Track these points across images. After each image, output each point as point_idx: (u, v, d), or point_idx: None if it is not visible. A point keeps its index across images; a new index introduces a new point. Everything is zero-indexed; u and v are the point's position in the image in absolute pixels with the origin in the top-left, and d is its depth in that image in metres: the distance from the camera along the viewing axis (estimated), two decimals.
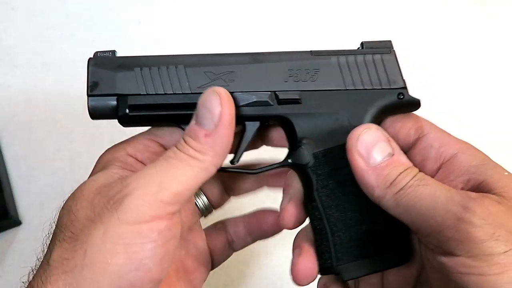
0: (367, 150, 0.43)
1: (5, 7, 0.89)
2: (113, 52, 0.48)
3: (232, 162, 0.50)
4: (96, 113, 0.48)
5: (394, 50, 0.50)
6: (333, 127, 0.48)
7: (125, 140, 0.50)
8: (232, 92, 0.46)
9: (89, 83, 0.47)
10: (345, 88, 0.49)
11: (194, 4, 0.93)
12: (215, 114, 0.43)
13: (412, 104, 0.49)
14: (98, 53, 0.48)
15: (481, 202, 0.39)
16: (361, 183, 0.44)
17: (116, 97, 0.47)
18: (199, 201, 0.56)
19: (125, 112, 0.47)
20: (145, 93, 0.47)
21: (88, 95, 0.47)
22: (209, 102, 0.43)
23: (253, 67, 0.48)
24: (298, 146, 0.48)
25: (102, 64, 0.48)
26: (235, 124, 0.45)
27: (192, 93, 0.48)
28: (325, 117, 0.49)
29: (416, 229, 0.43)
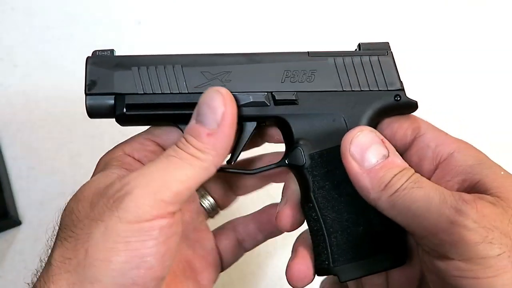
0: (361, 153, 0.43)
1: (5, 7, 0.89)
2: (112, 51, 0.48)
3: (230, 162, 0.50)
4: (94, 112, 0.48)
5: (392, 52, 0.50)
6: (330, 128, 0.48)
7: (123, 141, 0.51)
8: None
9: (87, 82, 0.47)
10: (342, 90, 0.49)
11: (194, 4, 0.93)
12: (219, 114, 0.43)
13: (410, 106, 0.49)
14: (97, 52, 0.48)
15: (475, 205, 0.39)
16: (356, 186, 0.44)
17: (114, 96, 0.47)
18: (205, 202, 0.56)
19: (123, 111, 0.47)
20: (143, 92, 0.47)
21: (86, 94, 0.47)
22: (213, 102, 0.43)
23: (250, 68, 0.48)
24: (295, 147, 0.49)
25: (100, 63, 0.48)
26: None
27: (189, 93, 0.48)
28: (322, 118, 0.49)
29: (412, 231, 0.42)
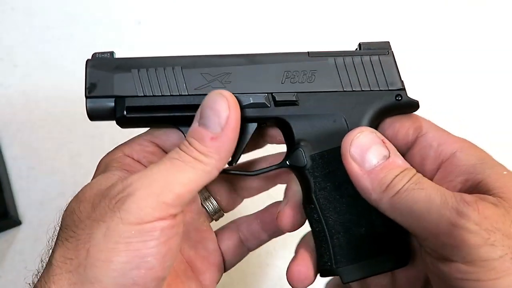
0: (361, 154, 0.43)
1: (5, 7, 0.89)
2: (111, 53, 0.48)
3: (231, 164, 0.50)
4: (94, 115, 0.48)
5: (392, 51, 0.49)
6: (331, 129, 0.48)
7: (123, 143, 0.51)
8: None
9: (87, 85, 0.47)
10: (343, 90, 0.48)
11: (194, 4, 0.93)
12: (223, 117, 0.43)
13: (411, 106, 0.48)
14: (97, 54, 0.48)
15: (476, 206, 0.38)
16: (358, 187, 0.44)
17: (114, 99, 0.47)
18: (208, 205, 0.55)
19: (123, 114, 0.47)
20: (143, 95, 0.47)
21: (86, 97, 0.47)
22: (216, 105, 0.43)
23: (250, 69, 0.48)
24: (296, 148, 0.48)
25: (100, 66, 0.48)
26: None
27: (189, 95, 0.47)
28: (323, 119, 0.48)
29: (414, 233, 0.42)
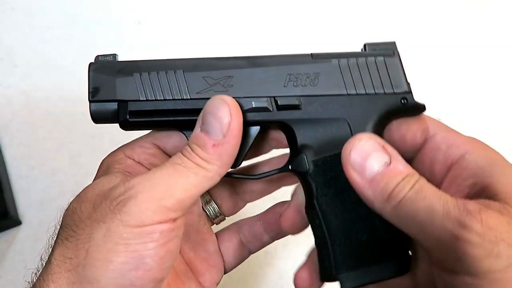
0: (361, 163, 0.41)
1: (5, 7, 0.89)
2: (114, 56, 0.48)
3: (234, 167, 0.49)
4: (98, 118, 0.48)
5: (399, 52, 0.48)
6: (334, 134, 0.47)
7: (124, 144, 0.51)
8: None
9: (90, 89, 0.47)
10: (347, 93, 0.47)
11: (194, 4, 0.93)
12: (224, 124, 0.43)
13: (417, 109, 0.47)
14: (99, 57, 0.48)
15: (479, 216, 0.37)
16: (360, 196, 0.43)
17: (117, 103, 0.47)
18: (209, 209, 0.55)
19: (126, 118, 0.47)
20: (145, 99, 0.47)
21: (90, 101, 0.47)
22: (218, 111, 0.43)
23: (252, 72, 0.48)
24: (299, 153, 0.48)
25: (102, 69, 0.47)
26: None
27: (192, 99, 0.47)
28: (326, 123, 0.47)
29: (419, 242, 0.41)
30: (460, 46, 0.92)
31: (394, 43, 0.49)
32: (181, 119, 0.47)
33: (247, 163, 0.56)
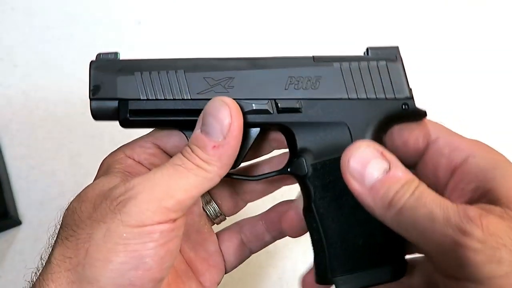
0: (360, 171, 0.41)
1: (5, 7, 0.89)
2: (116, 54, 0.48)
3: (234, 167, 0.49)
4: (99, 115, 0.48)
5: (401, 57, 0.48)
6: (334, 138, 0.47)
7: (124, 144, 0.51)
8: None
9: (91, 87, 0.47)
10: (348, 98, 0.47)
11: (194, 4, 0.93)
12: (225, 126, 0.43)
13: (418, 115, 0.47)
14: (101, 55, 0.48)
15: (480, 222, 0.36)
16: (361, 204, 0.42)
17: (118, 101, 0.47)
18: (209, 209, 0.55)
19: (126, 117, 0.47)
20: (145, 98, 0.47)
21: (90, 99, 0.47)
22: (218, 113, 0.43)
23: (253, 74, 0.47)
24: (298, 156, 0.48)
25: (103, 68, 0.47)
26: None
27: (192, 99, 0.47)
28: (326, 127, 0.47)
29: (422, 250, 0.41)
30: (460, 46, 0.92)
31: (397, 48, 0.48)
32: (182, 119, 0.47)
33: (248, 163, 0.56)
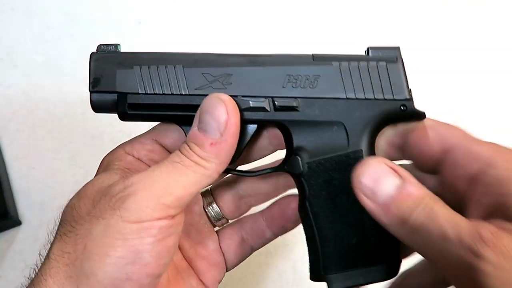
0: (372, 189, 0.40)
1: (5, 7, 0.89)
2: (116, 46, 0.48)
3: (231, 163, 0.48)
4: (98, 107, 0.48)
5: (402, 58, 0.47)
6: (330, 137, 0.47)
7: (124, 141, 0.51)
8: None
9: (91, 79, 0.47)
10: (346, 97, 0.47)
11: (194, 4, 0.93)
12: (221, 123, 0.43)
13: (416, 116, 0.47)
14: (102, 46, 0.48)
15: (493, 244, 0.35)
16: (377, 221, 0.41)
17: (117, 94, 0.47)
18: (210, 210, 0.55)
19: (125, 110, 0.47)
20: (144, 92, 0.47)
21: (90, 91, 0.47)
22: (215, 110, 0.43)
23: (252, 71, 0.47)
24: (294, 154, 0.48)
25: (103, 60, 0.47)
26: None
27: (190, 95, 0.47)
28: (323, 126, 0.47)
29: (439, 271, 0.40)
30: (460, 46, 0.92)
31: (398, 48, 0.48)
32: (180, 114, 0.47)
33: (252, 166, 0.55)
